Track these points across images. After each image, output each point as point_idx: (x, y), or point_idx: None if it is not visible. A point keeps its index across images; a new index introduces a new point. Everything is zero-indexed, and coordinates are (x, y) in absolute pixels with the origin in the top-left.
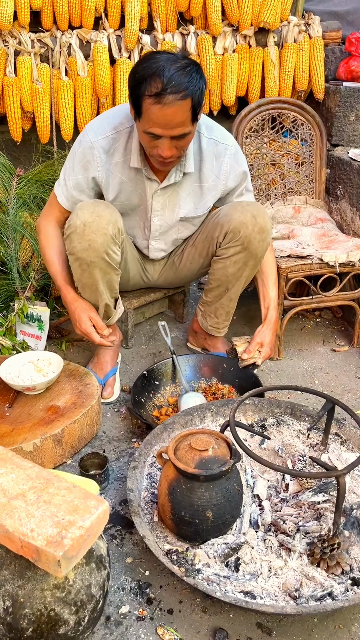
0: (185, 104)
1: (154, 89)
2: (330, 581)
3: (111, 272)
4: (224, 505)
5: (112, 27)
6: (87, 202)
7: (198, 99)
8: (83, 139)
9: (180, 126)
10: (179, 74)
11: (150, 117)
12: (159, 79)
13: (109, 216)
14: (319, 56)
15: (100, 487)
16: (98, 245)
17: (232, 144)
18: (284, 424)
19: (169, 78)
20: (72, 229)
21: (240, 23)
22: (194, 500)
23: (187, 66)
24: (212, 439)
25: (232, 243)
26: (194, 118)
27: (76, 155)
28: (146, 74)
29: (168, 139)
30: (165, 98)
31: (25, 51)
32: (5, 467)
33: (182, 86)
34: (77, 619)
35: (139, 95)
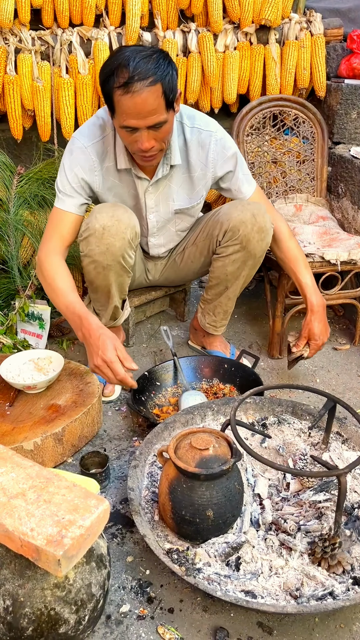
0: (155, 89)
1: (121, 79)
2: (332, 580)
3: (124, 275)
4: (225, 505)
5: (113, 24)
6: (105, 205)
7: (169, 85)
8: (74, 146)
9: (153, 114)
10: (145, 61)
11: (123, 110)
12: (125, 69)
13: (127, 220)
14: (320, 53)
15: (101, 486)
16: (116, 249)
17: (216, 130)
18: (285, 422)
19: (134, 66)
20: (91, 232)
21: (242, 20)
22: (194, 500)
23: (154, 54)
24: (213, 437)
25: (231, 242)
26: (167, 105)
27: (71, 161)
28: (112, 67)
29: (145, 130)
30: (133, 86)
31: (25, 49)
32: (6, 466)
33: (150, 72)
34: (77, 618)
35: (109, 90)
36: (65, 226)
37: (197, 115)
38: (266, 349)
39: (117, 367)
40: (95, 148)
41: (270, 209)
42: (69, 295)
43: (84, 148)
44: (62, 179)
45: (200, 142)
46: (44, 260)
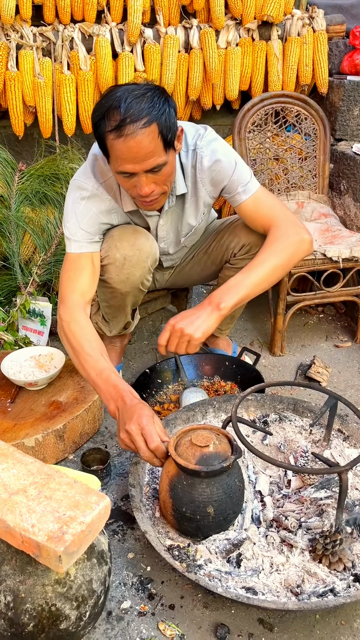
0: (150, 131)
1: (112, 122)
2: (332, 577)
3: (140, 295)
4: (225, 501)
5: (115, 20)
6: (126, 231)
7: (166, 124)
8: (83, 190)
9: (150, 157)
10: (138, 100)
11: (117, 155)
12: (117, 111)
13: (149, 249)
14: (322, 50)
15: (102, 483)
16: (136, 278)
17: (202, 146)
18: (286, 420)
19: (126, 107)
20: (111, 261)
21: (244, 16)
22: (195, 497)
23: (147, 92)
24: (213, 434)
25: (248, 256)
26: (166, 145)
27: (86, 207)
28: (104, 109)
29: (143, 175)
30: (126, 129)
31: (27, 45)
32: (7, 462)
33: (143, 112)
34: (78, 614)
35: (102, 135)
36: (84, 275)
37: (189, 134)
38: (267, 347)
39: (152, 434)
40: (105, 188)
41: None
42: (100, 361)
43: (96, 190)
44: (74, 226)
45: (193, 164)
46: (68, 321)
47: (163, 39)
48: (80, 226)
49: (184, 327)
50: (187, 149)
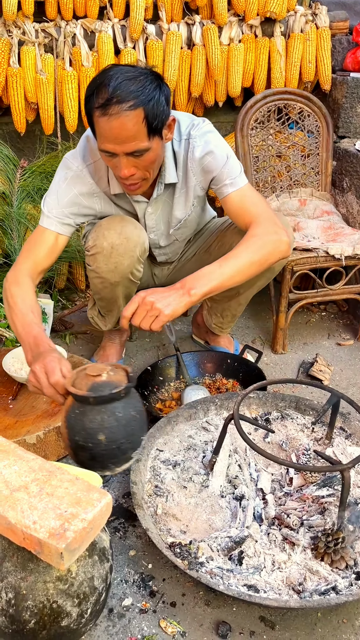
0: (135, 115)
1: (100, 99)
2: (334, 575)
3: (132, 286)
4: (118, 429)
5: (117, 16)
6: (114, 220)
7: (153, 110)
8: (69, 169)
9: (132, 140)
10: (127, 82)
11: (101, 132)
12: (105, 89)
13: (137, 238)
14: (326, 46)
15: (103, 480)
16: (124, 267)
17: (196, 136)
18: (288, 417)
19: (114, 87)
20: (98, 250)
21: (247, 13)
22: (85, 424)
23: (141, 75)
24: (110, 367)
25: None
26: (150, 132)
27: (68, 186)
28: (95, 86)
29: (124, 157)
30: (111, 108)
31: (29, 41)
32: (8, 459)
33: (130, 95)
34: (79, 611)
35: (90, 110)
36: (43, 248)
37: (183, 124)
38: (269, 344)
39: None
40: (90, 170)
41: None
42: (28, 316)
43: (79, 171)
44: (53, 202)
45: (185, 153)
46: (11, 282)
47: (165, 36)
48: (58, 204)
49: (155, 301)
50: (180, 138)
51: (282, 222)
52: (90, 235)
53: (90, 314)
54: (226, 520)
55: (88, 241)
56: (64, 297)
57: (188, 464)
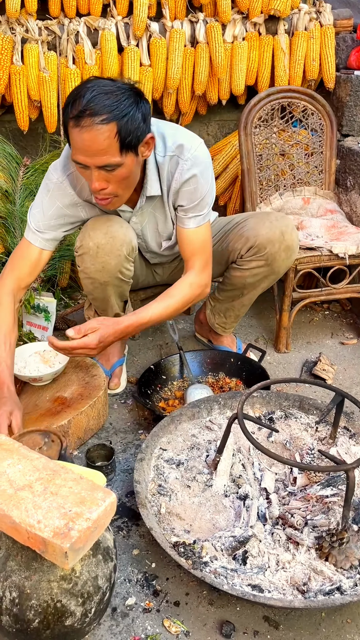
0: (107, 129)
1: (74, 111)
2: (339, 575)
3: (123, 285)
4: None
5: (120, 14)
6: (99, 220)
7: (127, 126)
8: (50, 182)
9: (102, 154)
10: (104, 96)
11: (73, 143)
12: (80, 101)
13: (122, 236)
14: (330, 44)
15: (107, 479)
16: (112, 267)
17: (188, 158)
18: (292, 417)
19: (89, 100)
20: (85, 250)
21: (250, 10)
22: None
23: (118, 90)
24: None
25: (256, 257)
26: (123, 148)
27: (51, 199)
28: (72, 97)
29: (96, 170)
30: (83, 120)
31: (32, 39)
32: (12, 458)
33: (104, 110)
34: (83, 611)
35: (65, 120)
36: (27, 263)
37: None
38: (273, 343)
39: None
40: (70, 180)
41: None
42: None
43: (60, 183)
44: (38, 215)
45: (171, 170)
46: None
47: (169, 33)
48: (44, 216)
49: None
50: (165, 153)
51: (284, 223)
52: (78, 237)
53: (87, 314)
54: (230, 520)
55: (76, 242)
56: (66, 296)
57: (192, 463)
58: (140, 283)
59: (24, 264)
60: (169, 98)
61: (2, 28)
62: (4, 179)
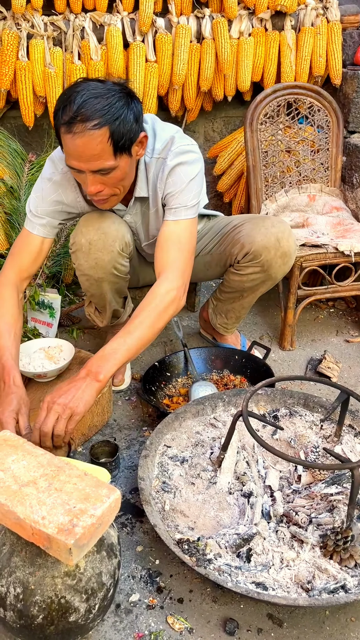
0: (100, 134)
1: (65, 116)
2: (344, 574)
3: (120, 281)
4: None
5: (126, 10)
6: (92, 216)
7: (119, 129)
8: (56, 169)
9: (96, 159)
10: (94, 100)
11: (66, 149)
12: (70, 106)
13: (115, 232)
14: (336, 40)
15: (111, 475)
16: (105, 262)
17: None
18: (296, 414)
19: (79, 104)
20: (77, 247)
21: (257, 6)
22: None
23: (109, 92)
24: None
25: (252, 264)
26: (117, 151)
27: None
28: (62, 101)
29: (90, 174)
30: (75, 127)
31: (38, 34)
32: (17, 453)
33: (96, 114)
34: (87, 607)
35: (56, 126)
36: (28, 253)
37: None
38: (277, 341)
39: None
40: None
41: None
42: (3, 338)
43: (65, 173)
44: (37, 199)
45: (156, 172)
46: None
47: (175, 29)
48: (43, 202)
49: (65, 402)
50: (152, 155)
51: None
52: (71, 234)
53: (87, 311)
54: (234, 517)
55: (70, 241)
56: (71, 292)
57: (196, 460)
58: (141, 280)
59: (25, 254)
60: (174, 94)
61: (8, 23)
62: (9, 175)
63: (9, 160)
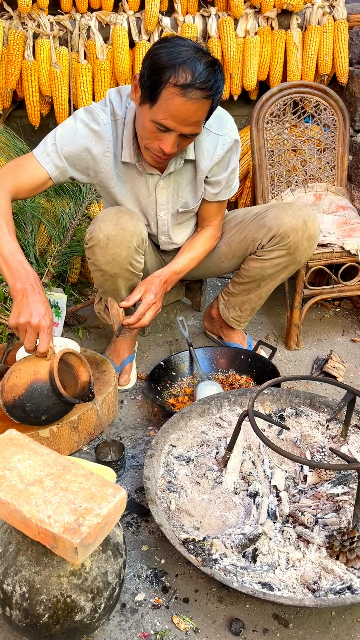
0: (207, 103)
1: (181, 79)
2: (350, 574)
3: (134, 278)
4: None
5: (132, 9)
6: (110, 212)
7: (215, 103)
8: (94, 116)
9: (194, 125)
10: (209, 71)
11: (169, 108)
12: (189, 70)
13: (132, 228)
14: (343, 39)
15: (117, 475)
16: (122, 258)
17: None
18: (302, 414)
19: (200, 72)
20: (95, 242)
21: (263, 5)
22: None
23: (214, 64)
24: None
25: (278, 247)
26: (206, 120)
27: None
28: (174, 61)
29: (176, 135)
30: (193, 92)
31: (44, 34)
32: (23, 452)
33: (210, 85)
34: (93, 606)
35: (161, 82)
36: (29, 180)
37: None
38: (283, 340)
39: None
40: (111, 128)
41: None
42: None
43: (104, 125)
44: (67, 139)
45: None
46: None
47: (181, 28)
48: (71, 145)
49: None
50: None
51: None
52: (88, 229)
53: (97, 308)
54: (240, 517)
55: (86, 234)
56: (76, 291)
57: (201, 460)
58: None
59: (27, 178)
60: None
61: (14, 23)
62: None
63: None
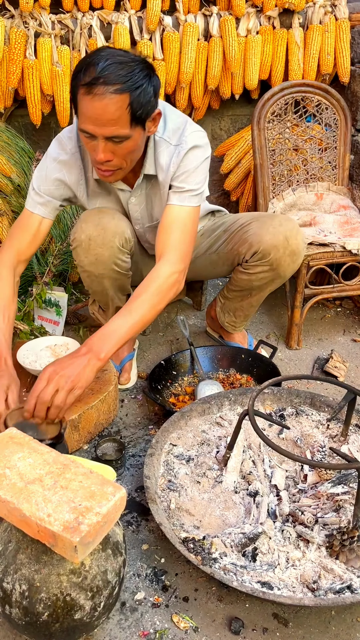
0: (120, 99)
1: (86, 78)
2: (350, 574)
3: (122, 278)
4: None
5: (134, 8)
6: (91, 213)
7: (139, 99)
8: (62, 149)
9: (113, 125)
10: (117, 66)
11: (82, 111)
12: (93, 68)
13: (114, 227)
14: (345, 38)
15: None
16: (105, 258)
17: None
18: (303, 414)
19: (103, 68)
20: (77, 243)
21: (265, 4)
22: None
23: (132, 62)
24: None
25: (261, 262)
26: (133, 120)
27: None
28: (84, 64)
29: (102, 140)
30: (96, 88)
31: (45, 33)
32: (23, 451)
33: (118, 79)
34: (92, 605)
35: (75, 87)
36: (27, 236)
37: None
38: (284, 340)
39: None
40: (79, 153)
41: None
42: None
43: (71, 154)
44: (41, 178)
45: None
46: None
47: (182, 27)
48: (46, 180)
49: (68, 375)
50: (163, 134)
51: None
52: (72, 230)
53: (92, 309)
54: (240, 516)
55: (70, 237)
56: (77, 290)
57: (202, 459)
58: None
59: (24, 235)
60: (181, 92)
61: (16, 22)
62: (16, 174)
63: (16, 158)
